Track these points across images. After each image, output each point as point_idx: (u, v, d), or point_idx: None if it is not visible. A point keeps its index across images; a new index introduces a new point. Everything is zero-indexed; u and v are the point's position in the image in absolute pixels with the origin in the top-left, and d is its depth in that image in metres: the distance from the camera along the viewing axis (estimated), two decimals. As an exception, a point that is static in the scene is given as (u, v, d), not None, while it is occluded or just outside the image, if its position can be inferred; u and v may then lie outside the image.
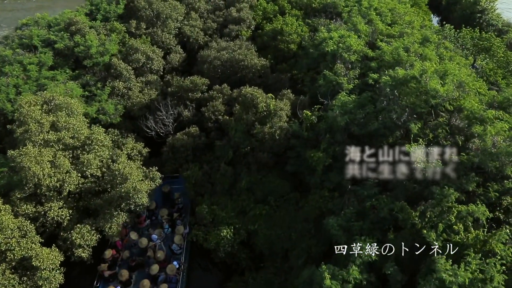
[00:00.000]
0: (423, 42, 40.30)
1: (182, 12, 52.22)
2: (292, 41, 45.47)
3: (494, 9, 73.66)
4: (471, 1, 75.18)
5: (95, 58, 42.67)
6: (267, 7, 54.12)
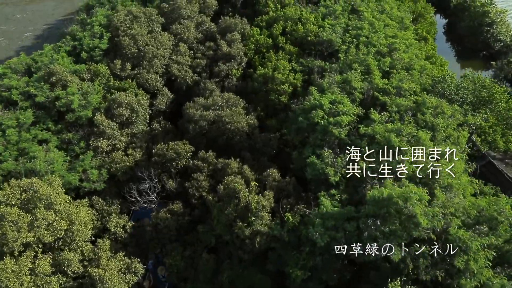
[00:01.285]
0: (420, 106, 38.41)
1: (170, 45, 49.63)
2: (283, 91, 43.47)
3: (504, 21, 69.60)
4: (480, 12, 71.13)
5: (77, 112, 41.18)
6: (259, 39, 51.19)
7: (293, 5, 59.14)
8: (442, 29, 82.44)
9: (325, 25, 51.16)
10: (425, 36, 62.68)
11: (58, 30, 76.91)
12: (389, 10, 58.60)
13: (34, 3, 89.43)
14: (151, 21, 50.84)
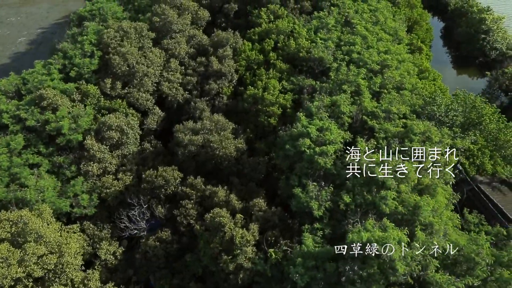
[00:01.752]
0: (408, 135, 38.50)
1: (161, 62, 49.58)
2: (272, 113, 43.59)
3: (500, 29, 68.94)
4: (477, 19, 70.51)
5: (68, 136, 41.51)
6: (251, 54, 51.02)
7: (287, 16, 58.89)
8: (440, 32, 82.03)
9: (317, 40, 50.92)
10: (420, 46, 62.20)
11: (52, 35, 77.29)
12: (383, 21, 58.07)
13: (28, 4, 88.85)
14: (141, 37, 50.66)
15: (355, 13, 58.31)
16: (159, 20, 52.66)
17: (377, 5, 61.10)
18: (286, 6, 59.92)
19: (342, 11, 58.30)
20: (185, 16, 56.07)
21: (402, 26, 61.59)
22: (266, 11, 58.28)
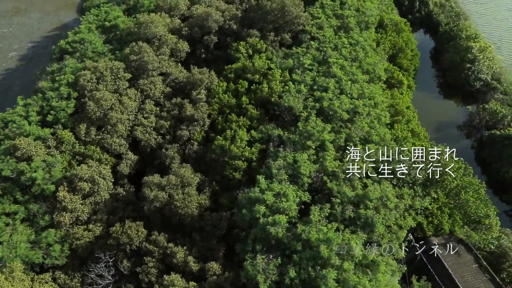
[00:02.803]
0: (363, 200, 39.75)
1: (135, 106, 50.86)
2: (238, 167, 44.99)
3: (486, 58, 68.28)
4: (464, 46, 69.98)
5: (42, 185, 43.67)
6: (223, 98, 51.90)
7: (266, 50, 59.15)
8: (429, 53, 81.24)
9: (290, 85, 51.41)
10: (400, 79, 61.93)
11: (43, 50, 78.45)
12: (362, 57, 57.96)
13: (20, 14, 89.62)
14: (117, 79, 51.76)
15: (334, 48, 58.26)
16: (136, 59, 53.46)
17: (359, 38, 60.71)
18: (265, 38, 60.03)
19: (321, 46, 58.32)
20: (164, 50, 56.86)
21: (383, 59, 61.50)
22: (245, 44, 58.59)
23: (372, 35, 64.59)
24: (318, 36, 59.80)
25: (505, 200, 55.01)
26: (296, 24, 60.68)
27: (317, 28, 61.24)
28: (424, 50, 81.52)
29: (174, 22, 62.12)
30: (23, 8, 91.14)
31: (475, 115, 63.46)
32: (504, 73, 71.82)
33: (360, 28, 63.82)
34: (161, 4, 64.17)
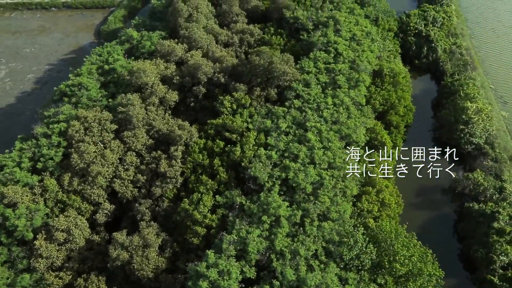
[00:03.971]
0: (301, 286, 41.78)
1: (116, 158, 54.81)
2: (197, 233, 48.04)
3: (482, 121, 66.90)
4: (460, 106, 68.82)
5: (23, 231, 48.79)
6: (198, 157, 54.80)
7: (250, 105, 61.24)
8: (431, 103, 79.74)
9: (261, 152, 53.40)
10: (383, 141, 62.06)
11: (58, 74, 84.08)
12: (344, 120, 58.82)
13: (44, 33, 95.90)
14: (104, 130, 55.79)
15: (316, 109, 59.38)
16: (124, 110, 57.14)
17: (345, 98, 61.34)
18: (252, 93, 61.99)
19: (304, 106, 59.62)
20: (152, 99, 60.29)
21: (369, 118, 61.71)
22: (230, 99, 60.91)
23: (362, 91, 64.83)
24: (303, 94, 61.06)
25: (471, 279, 54.81)
26: (283, 80, 62.08)
27: (303, 85, 62.45)
28: (427, 97, 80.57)
29: (168, 69, 65.20)
30: (47, 27, 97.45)
31: (459, 182, 62.63)
32: (501, 136, 69.99)
33: (349, 84, 64.30)
34: (159, 49, 67.26)
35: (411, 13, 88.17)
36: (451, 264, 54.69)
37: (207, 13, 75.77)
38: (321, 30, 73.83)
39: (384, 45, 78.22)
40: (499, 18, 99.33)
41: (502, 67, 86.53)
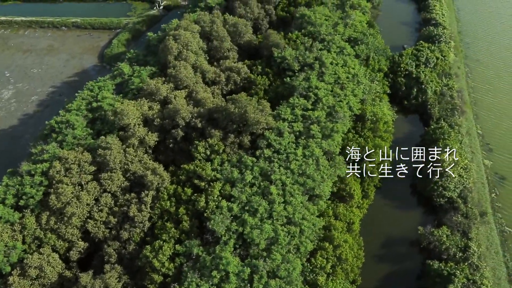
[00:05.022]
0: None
1: (92, 199, 59.00)
2: (154, 280, 51.68)
3: (455, 175, 67.27)
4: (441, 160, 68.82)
5: (1, 266, 53.92)
6: (165, 204, 58.25)
7: (223, 151, 64.03)
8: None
9: (223, 204, 56.23)
10: (351, 193, 63.43)
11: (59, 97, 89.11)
12: (311, 172, 60.62)
13: (52, 53, 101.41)
14: (82, 172, 60.05)
15: (285, 160, 61.50)
16: (102, 153, 61.09)
17: (315, 150, 63.02)
18: (226, 139, 64.69)
19: (273, 157, 61.87)
20: (132, 141, 64.05)
21: (340, 170, 63.23)
22: (204, 144, 63.90)
23: (336, 141, 66.25)
24: (275, 144, 63.20)
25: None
26: (256, 128, 64.42)
27: (276, 134, 64.55)
28: (413, 141, 79.67)
29: (152, 109, 68.65)
30: (56, 47, 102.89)
31: (424, 237, 63.44)
32: (477, 189, 70.09)
33: (324, 134, 65.87)
34: (145, 88, 70.82)
35: (404, 52, 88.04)
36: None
37: (197, 49, 78.50)
38: (306, 72, 75.43)
39: (371, 87, 78.88)
40: (501, 56, 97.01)
41: (495, 110, 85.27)
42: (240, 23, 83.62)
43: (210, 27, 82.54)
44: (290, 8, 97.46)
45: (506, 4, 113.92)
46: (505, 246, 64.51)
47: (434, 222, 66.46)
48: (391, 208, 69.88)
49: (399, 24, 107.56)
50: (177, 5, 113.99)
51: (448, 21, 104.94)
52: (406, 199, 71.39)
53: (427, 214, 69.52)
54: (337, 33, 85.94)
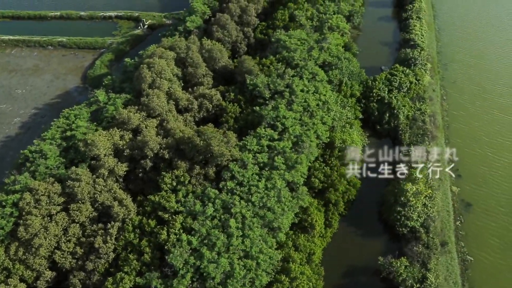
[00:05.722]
0: None
1: (60, 230, 61.39)
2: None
3: (418, 205, 68.70)
4: (402, 187, 70.33)
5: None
6: (129, 236, 60.51)
7: (189, 182, 66.06)
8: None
9: (183, 238, 58.33)
10: (313, 224, 65.04)
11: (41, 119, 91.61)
12: (272, 204, 62.51)
13: (37, 74, 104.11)
14: (51, 203, 62.47)
15: (247, 192, 63.37)
16: (73, 184, 63.43)
17: (278, 181, 64.82)
18: (192, 170, 66.71)
19: (236, 189, 63.78)
20: (102, 171, 66.30)
21: (301, 202, 65.04)
22: (170, 175, 65.99)
23: (300, 172, 67.92)
24: (238, 176, 65.10)
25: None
26: (221, 160, 66.34)
27: (240, 166, 66.43)
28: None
29: (123, 139, 70.74)
30: (41, 67, 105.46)
31: (384, 268, 64.97)
32: (442, 217, 71.45)
33: (287, 166, 67.62)
34: (117, 117, 72.98)
35: (378, 77, 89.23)
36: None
37: (171, 77, 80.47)
38: (276, 100, 77.14)
39: (342, 114, 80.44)
40: (477, 81, 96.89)
41: (467, 136, 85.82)
42: (215, 49, 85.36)
43: (186, 54, 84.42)
44: (268, 30, 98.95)
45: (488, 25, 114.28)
46: (465, 276, 65.83)
47: (396, 252, 67.96)
48: (355, 236, 71.27)
49: (379, 45, 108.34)
50: (161, 24, 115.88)
51: (427, 41, 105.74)
52: (372, 227, 72.48)
53: (391, 242, 70.84)
54: (312, 57, 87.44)
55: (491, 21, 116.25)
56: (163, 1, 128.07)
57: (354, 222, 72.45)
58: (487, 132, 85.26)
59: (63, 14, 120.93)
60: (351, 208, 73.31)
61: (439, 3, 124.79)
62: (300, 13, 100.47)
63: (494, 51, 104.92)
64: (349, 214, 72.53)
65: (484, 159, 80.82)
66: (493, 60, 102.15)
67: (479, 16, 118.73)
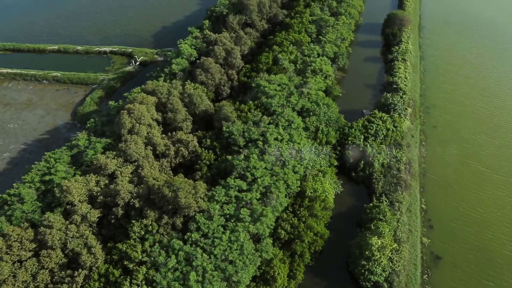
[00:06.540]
0: None
1: (29, 276, 63.93)
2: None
3: (382, 260, 69.54)
4: (367, 241, 71.17)
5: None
6: (93, 285, 62.70)
7: (157, 231, 68.18)
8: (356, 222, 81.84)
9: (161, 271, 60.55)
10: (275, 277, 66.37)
11: (30, 155, 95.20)
12: (235, 257, 64.17)
13: (29, 108, 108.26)
14: (23, 249, 65.15)
15: (210, 244, 65.16)
16: (42, 232, 66.13)
17: (241, 234, 66.39)
18: (160, 220, 68.91)
19: (200, 241, 65.62)
20: (75, 217, 68.94)
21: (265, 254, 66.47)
22: (139, 224, 68.25)
23: (265, 223, 69.49)
24: (203, 227, 67.04)
25: None
26: (188, 211, 68.45)
27: (206, 218, 68.37)
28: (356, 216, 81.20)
29: (98, 184, 73.52)
30: (34, 101, 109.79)
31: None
32: (408, 271, 71.98)
33: (253, 218, 69.28)
34: (94, 163, 75.91)
35: (354, 124, 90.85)
36: None
37: (151, 122, 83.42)
38: (249, 149, 79.28)
39: (315, 162, 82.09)
40: (457, 127, 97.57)
41: (442, 185, 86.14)
42: (195, 95, 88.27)
43: (167, 99, 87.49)
44: (252, 73, 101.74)
45: (472, 70, 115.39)
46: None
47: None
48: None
49: (363, 87, 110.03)
50: (153, 60, 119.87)
51: (411, 84, 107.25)
52: (338, 279, 73.14)
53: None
54: (290, 104, 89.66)
55: (475, 65, 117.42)
56: (157, 36, 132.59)
57: (321, 274, 73.24)
58: (463, 184, 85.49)
59: (60, 48, 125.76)
60: (319, 259, 74.28)
61: (426, 44, 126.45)
62: (284, 56, 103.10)
63: (476, 97, 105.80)
64: (316, 265, 73.48)
65: (457, 212, 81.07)
66: (474, 106, 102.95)
67: (463, 60, 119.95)
